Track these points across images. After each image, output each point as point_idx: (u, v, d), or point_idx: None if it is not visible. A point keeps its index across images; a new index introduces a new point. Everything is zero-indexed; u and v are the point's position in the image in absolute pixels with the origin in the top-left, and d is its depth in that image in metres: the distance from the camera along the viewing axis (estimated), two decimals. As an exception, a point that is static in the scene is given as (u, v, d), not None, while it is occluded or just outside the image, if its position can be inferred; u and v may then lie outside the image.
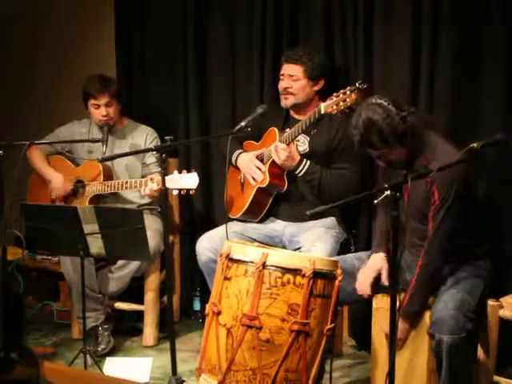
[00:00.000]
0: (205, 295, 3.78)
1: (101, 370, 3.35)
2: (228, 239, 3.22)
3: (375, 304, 3.02)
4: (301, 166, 3.41)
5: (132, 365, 3.53)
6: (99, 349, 3.65)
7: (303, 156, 3.45)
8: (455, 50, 3.32)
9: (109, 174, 3.79)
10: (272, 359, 2.63)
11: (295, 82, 3.52)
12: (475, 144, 2.50)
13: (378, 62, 3.53)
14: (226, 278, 2.73)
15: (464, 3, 3.29)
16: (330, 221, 3.52)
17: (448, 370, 2.74)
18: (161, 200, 3.21)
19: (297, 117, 3.58)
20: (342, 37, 3.64)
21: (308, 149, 3.54)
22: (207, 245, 3.52)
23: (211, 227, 3.78)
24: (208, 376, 2.75)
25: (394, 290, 2.44)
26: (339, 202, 2.59)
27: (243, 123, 3.38)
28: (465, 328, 2.70)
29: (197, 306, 4.21)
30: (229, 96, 4.09)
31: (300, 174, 3.42)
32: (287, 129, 3.47)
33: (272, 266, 2.65)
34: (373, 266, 2.99)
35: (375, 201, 2.48)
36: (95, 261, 3.67)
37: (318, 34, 3.71)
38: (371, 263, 3.01)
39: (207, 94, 4.16)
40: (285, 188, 3.51)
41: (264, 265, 2.64)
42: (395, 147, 2.83)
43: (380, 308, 2.98)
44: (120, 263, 3.74)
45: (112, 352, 3.69)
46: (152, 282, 3.84)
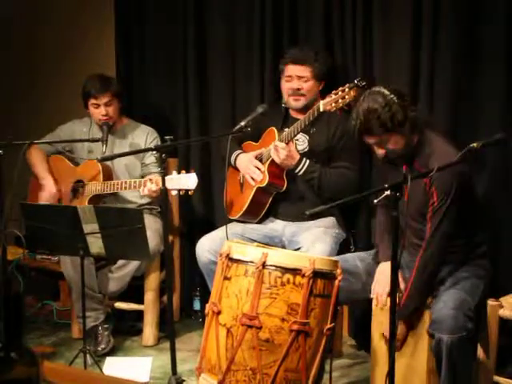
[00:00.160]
0: (205, 295, 3.78)
1: (101, 370, 3.35)
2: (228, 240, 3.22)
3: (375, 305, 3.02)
4: (300, 165, 3.41)
5: (132, 364, 3.53)
6: (99, 348, 3.65)
7: (303, 155, 3.45)
8: (455, 50, 3.32)
9: (108, 174, 3.79)
10: (272, 359, 2.63)
11: (306, 83, 3.51)
12: (475, 144, 2.50)
13: (378, 62, 3.53)
14: (226, 278, 2.73)
15: (464, 3, 3.30)
16: (330, 220, 3.52)
17: (448, 370, 2.73)
18: (160, 200, 3.21)
19: (296, 116, 3.58)
20: (342, 37, 3.65)
21: (307, 148, 3.54)
22: (207, 246, 3.51)
23: (211, 227, 3.78)
24: (208, 376, 2.75)
25: (395, 291, 2.44)
26: (339, 202, 2.58)
27: (243, 123, 3.37)
28: (464, 327, 2.69)
29: (197, 306, 4.21)
30: (229, 96, 4.09)
31: (300, 173, 3.42)
32: (286, 128, 3.47)
33: (272, 266, 2.65)
34: (386, 278, 2.83)
35: (375, 200, 2.48)
36: (95, 260, 3.67)
37: (318, 34, 3.71)
38: (384, 275, 2.95)
39: (207, 94, 4.15)
40: (284, 187, 3.51)
41: (264, 264, 2.64)
42: (393, 135, 2.82)
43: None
44: (120, 263, 3.74)
45: (112, 352, 3.69)
46: (152, 282, 3.84)
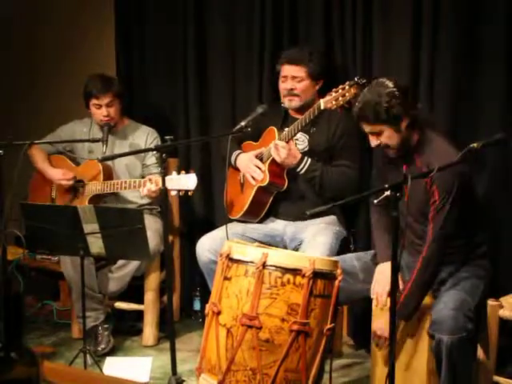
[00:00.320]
0: (205, 295, 3.78)
1: (101, 370, 3.35)
2: (228, 240, 3.22)
3: (375, 306, 3.02)
4: (302, 164, 3.40)
5: (132, 364, 3.53)
6: (99, 348, 3.65)
7: (303, 154, 3.44)
8: (455, 50, 3.32)
9: (109, 174, 3.79)
10: (272, 359, 2.63)
11: (299, 83, 3.51)
12: (475, 144, 2.50)
13: (378, 62, 3.53)
14: (226, 278, 2.73)
15: (464, 3, 3.30)
16: (330, 218, 3.52)
17: (448, 370, 2.73)
18: (160, 200, 3.21)
19: (296, 116, 3.57)
20: (342, 37, 3.64)
21: (308, 147, 3.53)
22: (207, 246, 3.51)
23: (211, 227, 3.78)
24: (208, 376, 2.75)
25: (394, 291, 2.44)
26: (339, 202, 2.58)
27: (243, 123, 3.37)
28: (465, 328, 2.69)
29: (197, 306, 4.21)
30: (229, 96, 4.09)
31: (301, 172, 3.41)
32: (286, 128, 3.47)
33: (272, 266, 2.64)
34: (386, 277, 2.84)
35: (375, 201, 2.48)
36: (95, 260, 3.67)
37: (318, 34, 3.71)
38: (383, 274, 2.94)
39: (207, 94, 4.15)
40: (285, 187, 3.51)
41: (264, 265, 2.64)
42: (387, 128, 2.82)
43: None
44: (120, 263, 3.74)
45: (112, 352, 3.69)
46: (152, 282, 3.84)
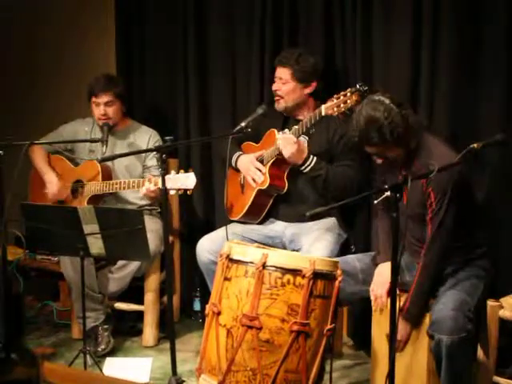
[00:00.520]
0: (205, 295, 3.78)
1: (101, 371, 3.35)
2: (228, 240, 3.22)
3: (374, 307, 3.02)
4: (307, 162, 3.36)
5: (132, 365, 3.53)
6: (99, 349, 3.64)
7: None
8: (455, 50, 3.32)
9: (108, 174, 3.78)
10: (272, 359, 2.63)
11: (284, 85, 3.50)
12: (475, 144, 2.50)
13: (378, 62, 3.53)
14: (226, 279, 2.73)
15: (464, 3, 3.29)
16: (330, 221, 3.51)
17: (447, 371, 2.74)
18: (160, 200, 3.21)
19: (296, 118, 3.57)
20: (342, 37, 3.64)
21: (307, 148, 3.52)
22: (207, 247, 3.51)
23: (211, 228, 3.78)
24: (208, 376, 2.75)
25: (394, 291, 2.44)
26: (339, 203, 2.58)
27: (243, 124, 3.38)
28: (464, 328, 2.69)
29: (197, 306, 4.20)
30: (229, 96, 4.09)
31: (306, 170, 3.37)
32: (286, 129, 3.46)
33: (272, 267, 2.64)
34: (386, 278, 2.88)
35: (375, 201, 2.48)
36: (95, 261, 3.67)
37: (318, 34, 3.70)
38: (383, 275, 2.94)
39: (207, 94, 4.16)
40: (285, 189, 3.50)
41: (264, 265, 2.64)
42: (393, 147, 2.82)
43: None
44: (120, 263, 3.74)
45: (112, 352, 3.69)
46: (152, 283, 3.83)
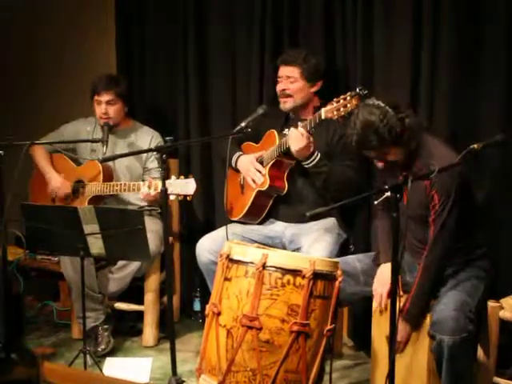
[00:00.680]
0: (205, 295, 3.78)
1: (101, 371, 3.35)
2: (228, 240, 3.21)
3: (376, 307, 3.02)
4: (312, 157, 3.34)
5: (132, 365, 3.53)
6: (99, 349, 3.64)
7: None
8: (455, 50, 3.31)
9: (109, 175, 3.78)
10: (272, 360, 2.63)
11: (292, 84, 3.50)
12: (475, 145, 2.50)
13: (379, 62, 3.52)
14: (227, 279, 2.73)
15: (464, 3, 3.29)
16: (330, 222, 3.51)
17: (449, 371, 2.74)
18: (160, 202, 3.21)
19: (301, 116, 3.56)
20: (342, 37, 3.64)
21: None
22: (207, 246, 3.51)
23: (211, 228, 3.78)
24: (208, 376, 2.75)
25: (395, 292, 2.44)
26: (339, 204, 2.58)
27: (243, 124, 3.38)
28: (465, 329, 2.69)
29: (197, 307, 4.20)
30: (229, 96, 4.09)
31: (310, 165, 3.35)
32: (286, 129, 3.46)
33: (272, 267, 2.64)
34: (387, 278, 2.85)
35: (375, 202, 2.48)
36: (95, 261, 3.67)
37: (318, 34, 3.70)
38: (384, 275, 2.94)
39: (207, 94, 4.15)
40: (285, 191, 3.50)
41: (264, 265, 2.64)
42: (392, 148, 2.82)
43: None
44: (120, 264, 3.73)
45: (112, 352, 3.69)
46: (152, 283, 3.83)
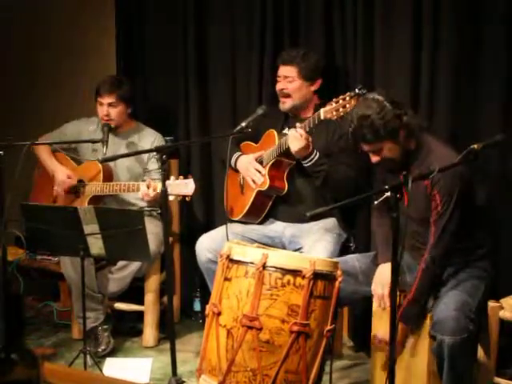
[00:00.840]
0: (205, 296, 3.77)
1: (101, 371, 3.35)
2: (228, 240, 3.21)
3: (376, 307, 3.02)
4: (311, 156, 3.34)
5: (132, 365, 3.53)
6: (99, 349, 3.64)
7: None
8: (455, 50, 3.31)
9: (109, 175, 3.78)
10: (272, 360, 2.63)
11: (290, 83, 3.50)
12: (475, 145, 2.50)
13: (379, 62, 3.52)
14: (227, 279, 2.73)
15: (464, 3, 3.29)
16: (330, 221, 3.50)
17: (449, 371, 2.74)
18: (160, 202, 3.21)
19: (301, 115, 3.55)
20: (343, 37, 3.64)
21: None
22: (207, 245, 3.51)
23: (211, 228, 3.78)
24: (208, 377, 2.75)
25: (395, 292, 2.44)
26: (339, 204, 2.58)
27: (244, 124, 3.37)
28: (466, 329, 2.69)
29: (197, 307, 4.20)
30: (229, 96, 4.08)
31: (309, 164, 3.35)
32: (286, 128, 3.45)
33: (272, 267, 2.64)
34: (386, 278, 2.84)
35: (375, 202, 2.48)
36: (95, 261, 3.66)
37: (318, 34, 3.70)
38: (383, 275, 2.94)
39: (207, 94, 4.15)
40: (285, 191, 3.49)
41: (264, 266, 2.64)
42: (387, 143, 2.82)
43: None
44: (121, 264, 3.73)
45: (112, 352, 3.69)
46: (152, 283, 3.83)
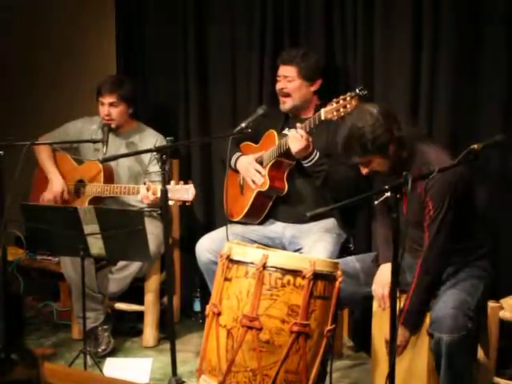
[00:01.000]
0: (205, 296, 3.78)
1: (101, 371, 3.35)
2: (228, 241, 3.21)
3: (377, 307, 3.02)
4: (311, 156, 3.35)
5: (132, 365, 3.53)
6: (99, 350, 3.64)
7: None
8: (455, 50, 3.32)
9: (110, 175, 3.78)
10: (272, 360, 2.63)
11: (290, 83, 3.50)
12: (475, 145, 2.50)
13: (379, 63, 3.53)
14: (227, 279, 2.73)
15: (464, 3, 3.29)
16: (330, 222, 3.50)
17: (447, 369, 2.74)
18: (160, 203, 3.21)
19: (301, 116, 3.56)
20: (343, 37, 3.64)
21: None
22: (207, 246, 3.52)
23: (211, 228, 3.78)
24: (208, 377, 2.75)
25: (395, 292, 2.44)
26: (340, 204, 2.58)
27: (244, 124, 3.37)
28: (464, 327, 2.70)
29: (197, 307, 4.20)
30: (229, 96, 4.08)
31: (309, 164, 3.36)
32: (286, 128, 3.45)
33: (272, 267, 2.64)
34: (387, 278, 2.83)
35: (375, 202, 2.48)
36: (95, 261, 3.66)
37: (318, 34, 3.70)
38: (383, 276, 2.95)
39: (207, 94, 4.15)
40: (285, 191, 3.50)
41: (264, 266, 2.63)
42: (376, 158, 2.83)
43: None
44: (121, 264, 3.73)
45: (112, 353, 3.69)
46: (152, 283, 3.83)
